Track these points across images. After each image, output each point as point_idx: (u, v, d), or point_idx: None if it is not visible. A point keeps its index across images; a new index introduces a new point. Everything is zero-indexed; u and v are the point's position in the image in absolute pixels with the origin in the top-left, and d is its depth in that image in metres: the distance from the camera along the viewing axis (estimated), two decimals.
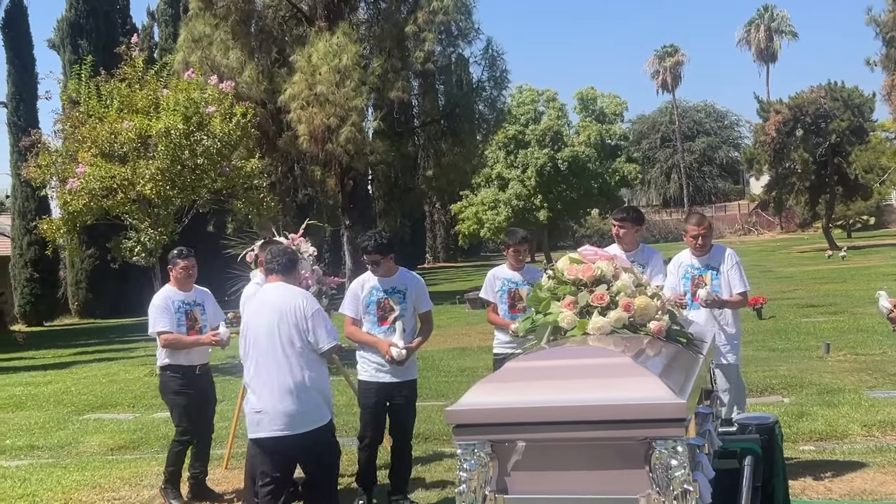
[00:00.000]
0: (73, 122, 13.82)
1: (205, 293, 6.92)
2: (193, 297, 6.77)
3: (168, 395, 6.73)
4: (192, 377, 6.65)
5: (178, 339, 6.57)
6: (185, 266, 6.70)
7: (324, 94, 23.49)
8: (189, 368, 6.63)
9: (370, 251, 6.06)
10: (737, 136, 74.69)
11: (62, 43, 33.26)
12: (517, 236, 6.75)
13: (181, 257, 6.72)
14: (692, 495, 2.87)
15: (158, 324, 6.56)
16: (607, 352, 3.33)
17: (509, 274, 6.70)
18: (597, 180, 43.02)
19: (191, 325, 6.67)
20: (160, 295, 6.70)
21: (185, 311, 6.66)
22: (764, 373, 10.00)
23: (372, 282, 6.14)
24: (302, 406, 4.94)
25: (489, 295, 6.78)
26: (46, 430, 10.25)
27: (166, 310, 6.58)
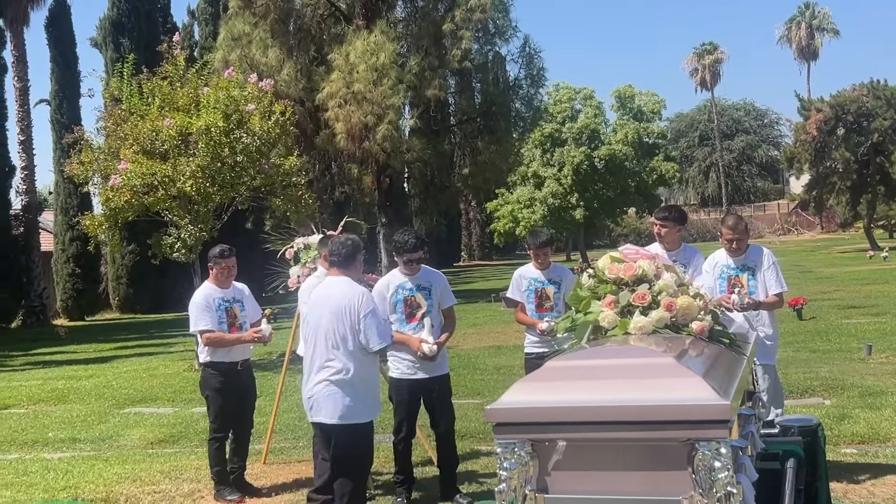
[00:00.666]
0: (115, 120, 13.99)
1: (243, 290, 6.98)
2: (232, 294, 6.83)
3: (208, 391, 6.79)
4: (233, 374, 6.70)
5: (221, 337, 6.63)
6: (227, 265, 6.75)
7: (361, 92, 23.58)
8: (231, 365, 6.68)
9: (413, 248, 6.11)
10: (777, 135, 73.79)
11: (104, 41, 33.68)
12: (539, 239, 6.70)
13: (223, 256, 6.77)
14: (735, 497, 2.84)
15: (200, 322, 6.62)
16: (649, 352, 3.31)
17: (535, 273, 6.68)
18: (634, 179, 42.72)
19: (231, 322, 6.72)
20: (200, 293, 6.76)
21: (226, 308, 6.72)
22: (804, 374, 9.88)
23: (397, 280, 6.20)
24: (343, 399, 5.09)
25: (516, 294, 6.77)
26: (88, 424, 10.39)
27: (207, 308, 6.63)
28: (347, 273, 5.25)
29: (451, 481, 6.38)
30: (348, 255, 5.25)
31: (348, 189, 27.90)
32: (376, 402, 5.27)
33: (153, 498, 6.86)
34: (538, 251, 6.64)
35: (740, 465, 3.05)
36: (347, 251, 5.25)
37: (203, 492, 6.93)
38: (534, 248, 6.67)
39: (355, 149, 24.30)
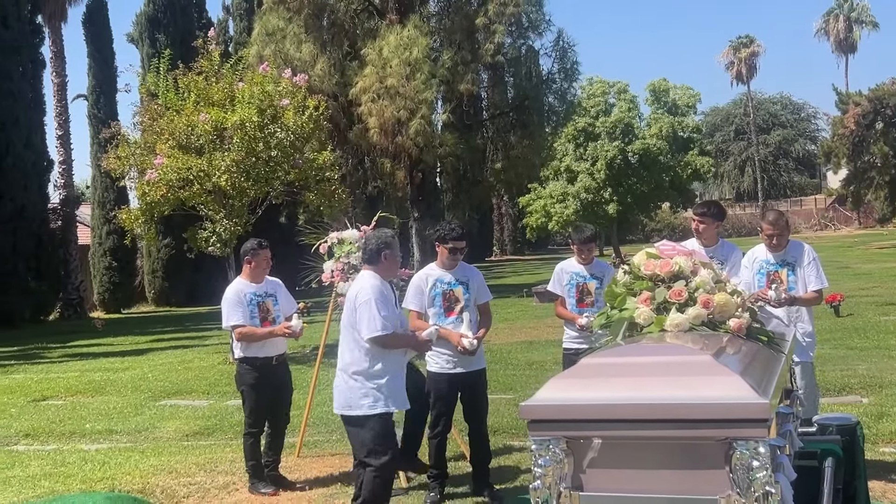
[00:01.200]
0: (151, 115, 14.12)
1: (276, 284, 6.98)
2: (265, 288, 6.83)
3: (243, 386, 6.82)
4: (268, 369, 6.71)
5: (252, 331, 6.64)
6: (265, 257, 6.78)
7: (394, 86, 23.60)
8: (265, 360, 6.68)
9: (458, 237, 6.16)
10: (814, 129, 72.93)
11: (140, 37, 34.04)
12: (583, 235, 6.66)
13: (261, 248, 6.78)
14: (774, 497, 2.81)
15: (232, 318, 6.66)
16: (686, 349, 3.28)
17: (577, 268, 6.65)
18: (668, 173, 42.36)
19: (263, 317, 6.72)
20: (232, 289, 6.79)
21: (258, 302, 6.73)
22: (842, 372, 9.75)
23: (435, 274, 6.22)
24: (344, 390, 5.19)
25: (557, 288, 6.74)
26: (124, 415, 10.52)
27: (239, 303, 6.66)
28: (375, 269, 5.27)
29: (483, 477, 6.40)
30: (373, 252, 5.28)
31: (381, 184, 27.95)
32: (390, 397, 5.15)
33: (188, 490, 6.92)
34: (582, 246, 6.59)
35: (778, 464, 3.01)
36: (372, 248, 5.29)
37: (237, 484, 6.99)
38: (578, 243, 6.62)
39: (388, 143, 24.34)
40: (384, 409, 5.13)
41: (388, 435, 5.19)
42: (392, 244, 5.34)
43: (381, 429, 5.14)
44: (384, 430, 5.15)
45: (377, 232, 5.65)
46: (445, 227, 6.26)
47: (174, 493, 6.87)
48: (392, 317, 5.17)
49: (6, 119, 26.28)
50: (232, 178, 13.25)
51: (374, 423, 5.12)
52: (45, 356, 17.94)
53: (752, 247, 6.33)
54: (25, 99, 27.43)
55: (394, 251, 5.33)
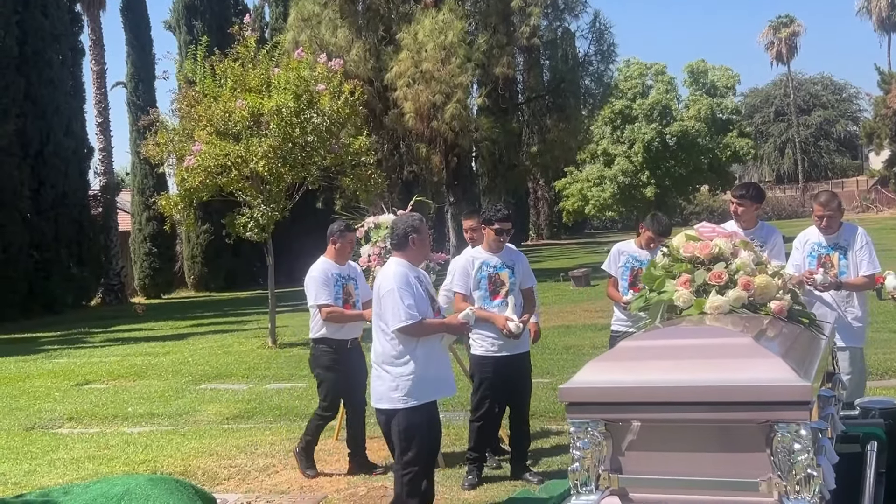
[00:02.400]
0: (188, 102, 14.22)
1: (356, 268, 6.99)
2: (348, 271, 6.82)
3: (318, 368, 6.79)
4: (343, 351, 6.69)
5: (341, 313, 6.61)
6: (350, 241, 6.80)
7: (429, 71, 23.57)
8: (342, 343, 6.66)
9: (504, 218, 6.15)
10: (855, 110, 71.53)
11: (177, 24, 34.30)
12: (661, 226, 6.40)
13: (348, 231, 6.81)
14: (816, 480, 2.78)
15: (321, 296, 6.60)
16: (726, 332, 3.25)
17: (636, 251, 6.57)
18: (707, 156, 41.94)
19: (345, 299, 6.70)
20: (318, 267, 6.73)
21: (342, 284, 6.71)
22: (885, 355, 9.62)
23: (482, 257, 6.23)
24: (374, 382, 5.11)
25: (612, 268, 6.67)
26: (165, 399, 10.66)
27: (327, 282, 6.62)
28: (404, 255, 5.14)
29: (522, 460, 6.41)
30: (400, 237, 5.15)
31: (416, 168, 27.97)
32: (421, 388, 5.00)
33: (229, 472, 7.01)
34: (658, 238, 6.32)
35: (820, 447, 2.98)
36: (400, 233, 5.16)
37: (277, 466, 7.06)
38: (655, 233, 6.37)
39: (424, 128, 24.34)
40: (415, 403, 4.96)
41: (415, 430, 4.99)
42: (420, 228, 5.18)
43: (408, 423, 4.97)
44: (411, 424, 4.97)
45: (405, 216, 5.55)
46: (491, 209, 6.29)
47: (215, 475, 6.96)
48: (422, 303, 4.99)
49: (47, 107, 26.65)
50: (269, 164, 13.32)
51: (400, 418, 4.97)
52: (87, 341, 18.23)
53: (799, 230, 6.22)
54: (65, 87, 27.77)
55: (422, 235, 5.18)
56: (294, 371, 11.92)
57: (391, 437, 5.07)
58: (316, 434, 6.78)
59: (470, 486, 6.15)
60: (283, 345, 14.65)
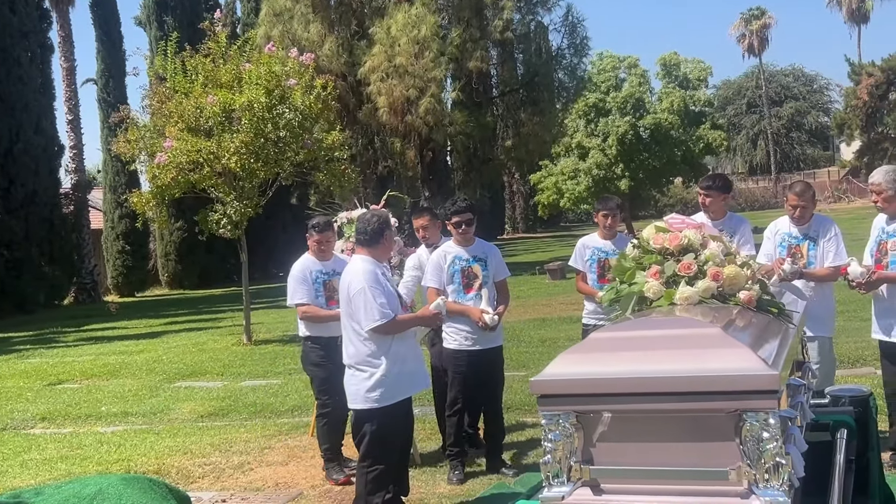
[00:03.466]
0: (159, 98, 14.10)
1: (345, 263, 6.62)
2: (333, 266, 6.61)
3: (308, 365, 6.71)
4: (332, 348, 6.35)
5: (315, 312, 6.49)
6: (317, 240, 6.60)
7: (403, 65, 23.50)
8: (330, 339, 6.39)
9: (464, 209, 6.15)
10: (826, 101, 72.13)
11: (148, 20, 33.96)
12: (612, 202, 6.70)
13: (316, 230, 6.62)
14: (784, 468, 2.80)
15: (296, 295, 6.53)
16: (696, 322, 3.26)
17: (600, 243, 6.64)
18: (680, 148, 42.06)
19: (329, 296, 6.50)
20: (298, 266, 6.63)
21: (324, 281, 6.57)
22: (856, 343, 9.70)
23: (454, 251, 6.23)
24: (349, 382, 5.07)
25: (579, 264, 6.72)
26: (139, 398, 10.59)
27: (304, 281, 6.52)
28: (373, 252, 5.07)
29: (497, 453, 6.43)
30: (374, 233, 5.04)
31: (391, 163, 27.91)
32: (397, 387, 4.97)
33: (203, 470, 6.97)
34: (607, 213, 6.56)
35: (789, 435, 3.00)
36: (373, 229, 5.04)
37: (252, 464, 7.04)
38: (602, 210, 6.60)
39: (398, 123, 24.28)
40: (391, 401, 4.94)
41: (389, 430, 4.97)
42: (391, 225, 5.19)
43: (384, 423, 4.94)
44: (387, 423, 4.95)
45: (373, 212, 5.50)
46: (448, 204, 6.33)
47: (189, 473, 6.93)
48: (392, 300, 4.95)
49: (15, 104, 26.30)
50: (241, 160, 13.25)
51: (375, 419, 4.94)
52: (59, 340, 18.05)
53: (772, 221, 6.28)
54: (34, 84, 27.43)
55: (392, 233, 5.19)
56: (269, 368, 11.88)
57: (361, 436, 5.01)
58: (329, 437, 6.50)
59: (458, 482, 6.15)
60: (257, 342, 14.59)
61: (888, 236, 5.51)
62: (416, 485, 6.03)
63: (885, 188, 5.47)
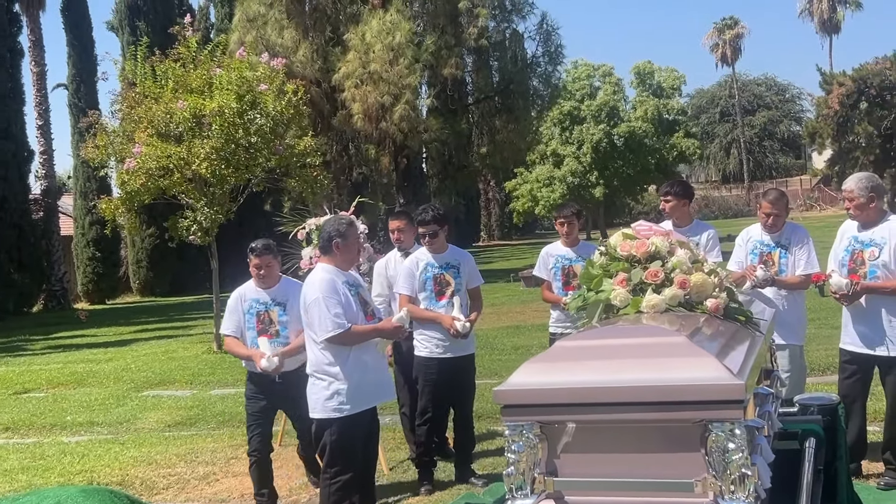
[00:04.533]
0: (129, 103, 13.96)
1: (292, 291, 5.73)
2: (275, 294, 5.87)
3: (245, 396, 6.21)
4: (265, 384, 5.86)
5: (233, 348, 5.98)
6: (255, 264, 5.85)
7: (377, 72, 23.42)
8: (262, 376, 5.77)
9: (428, 222, 6.08)
10: (798, 110, 72.80)
11: (120, 25, 33.69)
12: (567, 209, 6.66)
13: (253, 252, 5.86)
14: (751, 479, 2.74)
15: (223, 324, 6.04)
16: (662, 330, 3.21)
17: (563, 251, 6.61)
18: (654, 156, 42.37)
19: (263, 329, 5.81)
20: (234, 293, 5.97)
21: (257, 311, 5.84)
22: (826, 351, 9.72)
23: (426, 258, 6.17)
24: (309, 391, 4.97)
25: (543, 273, 6.70)
26: (106, 407, 10.43)
27: (234, 310, 5.90)
28: (332, 260, 4.98)
29: (467, 462, 6.36)
30: (325, 241, 4.98)
31: (366, 170, 27.80)
32: (356, 398, 4.85)
33: (168, 481, 6.85)
34: (564, 220, 6.51)
35: (756, 445, 2.95)
36: (325, 236, 4.98)
37: (218, 475, 6.92)
38: (559, 217, 6.58)
39: (372, 129, 24.17)
40: (351, 412, 4.83)
41: (349, 441, 4.88)
42: (346, 233, 4.98)
43: (343, 433, 4.84)
44: (346, 434, 4.85)
45: (333, 218, 5.41)
46: (419, 211, 6.28)
47: (153, 484, 6.81)
48: (350, 310, 4.84)
49: None
50: (212, 166, 13.12)
51: (335, 428, 4.84)
52: (27, 348, 17.80)
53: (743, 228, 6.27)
54: (4, 88, 27.13)
55: (347, 240, 4.98)
56: (238, 376, 11.69)
57: (322, 446, 4.93)
58: (262, 480, 5.93)
59: (427, 492, 6.07)
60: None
61: (863, 246, 5.48)
62: (383, 495, 5.95)
63: (858, 195, 5.44)
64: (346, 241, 4.99)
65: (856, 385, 5.61)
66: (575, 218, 6.59)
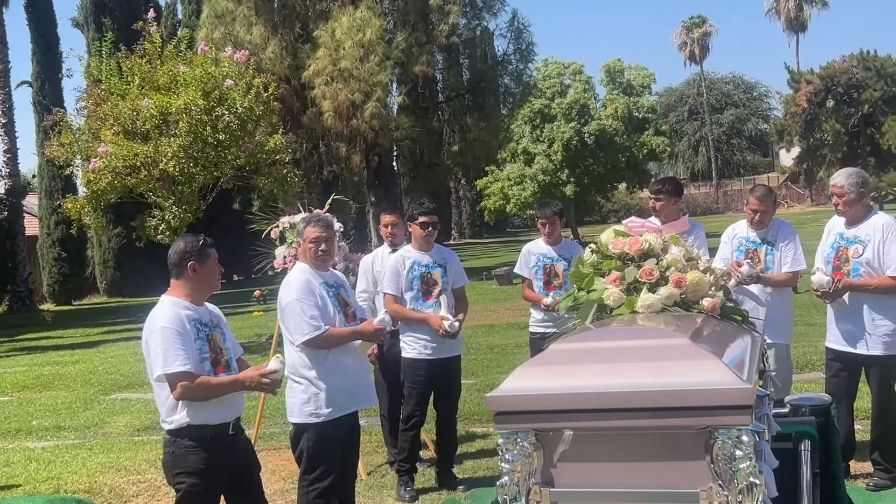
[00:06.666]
0: (94, 100, 13.64)
1: (215, 310, 4.40)
2: (209, 314, 4.29)
3: (180, 476, 5.34)
4: (222, 443, 4.13)
5: (208, 382, 4.17)
6: (209, 267, 4.35)
7: (348, 69, 23.17)
8: (220, 429, 4.11)
9: (431, 211, 6.01)
10: (766, 108, 73.47)
11: (86, 21, 33.18)
12: (547, 209, 6.53)
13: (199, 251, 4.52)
14: (759, 489, 2.61)
15: (175, 360, 4.12)
16: (661, 332, 3.07)
17: (545, 249, 6.48)
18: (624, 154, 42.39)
19: (216, 359, 4.11)
20: (170, 313, 4.31)
21: (207, 336, 4.13)
22: (804, 348, 9.68)
23: (412, 256, 6.03)
24: (287, 394, 4.81)
25: (524, 271, 6.58)
26: (73, 411, 10.18)
27: (183, 334, 4.28)
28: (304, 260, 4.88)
29: (449, 465, 6.21)
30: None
31: (336, 168, 27.54)
32: (333, 402, 4.67)
33: (137, 488, 6.64)
34: (546, 221, 6.41)
35: (759, 451, 2.82)
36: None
37: None
38: (542, 217, 6.46)
39: (343, 127, 23.93)
40: (329, 416, 4.67)
41: (327, 445, 4.71)
42: (309, 230, 4.79)
43: (321, 438, 4.68)
44: (324, 439, 4.69)
45: (307, 217, 5.27)
46: (415, 205, 6.17)
47: (123, 492, 6.59)
48: (326, 312, 4.67)
49: None
50: (179, 164, 12.85)
51: (313, 433, 4.68)
52: None
53: (713, 226, 6.18)
54: None
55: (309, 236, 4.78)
56: None
57: (300, 452, 4.76)
58: None
59: (411, 499, 5.91)
60: None
61: (848, 243, 5.40)
62: (362, 501, 5.79)
63: (847, 191, 5.35)
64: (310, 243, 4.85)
65: (842, 384, 5.53)
66: (557, 217, 6.47)
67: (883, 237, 5.26)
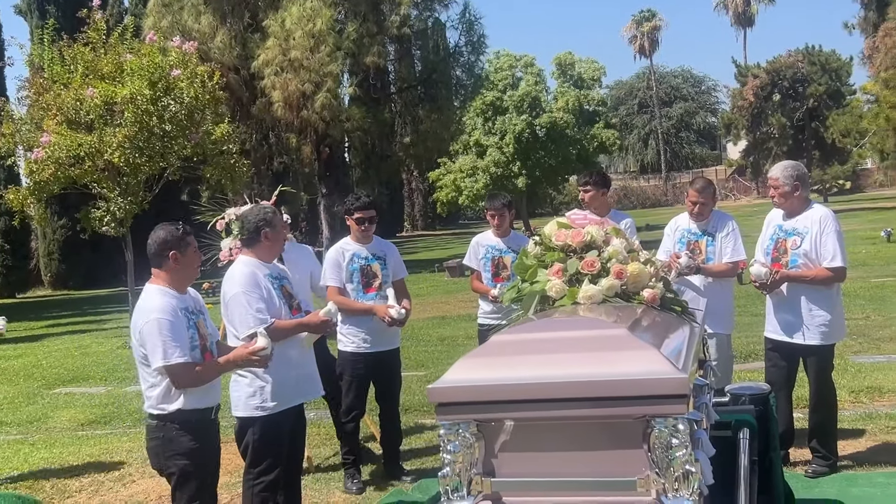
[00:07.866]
0: (37, 89, 13.37)
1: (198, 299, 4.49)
2: (193, 302, 4.30)
3: (176, 460, 5.26)
4: (206, 426, 4.36)
5: (198, 374, 4.88)
6: (192, 257, 4.29)
7: (298, 59, 22.97)
8: (205, 413, 4.29)
9: (367, 206, 5.96)
10: (714, 102, 74.49)
11: (29, 9, 32.49)
12: (497, 201, 6.53)
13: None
14: (695, 476, 2.66)
15: (175, 351, 4.78)
16: (601, 323, 3.10)
17: (493, 241, 6.49)
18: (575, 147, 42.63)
19: (204, 345, 4.20)
20: (161, 301, 4.27)
21: (196, 322, 4.21)
22: (747, 339, 9.84)
23: (352, 249, 6.00)
24: (231, 388, 4.76)
25: (473, 262, 6.59)
26: (15, 406, 9.99)
27: (173, 326, 4.38)
28: (256, 252, 4.72)
29: (395, 458, 6.22)
30: (252, 233, 4.69)
31: (287, 159, 27.33)
32: (279, 396, 4.64)
33: (81, 484, 6.54)
34: (495, 212, 6.41)
35: (696, 439, 2.87)
36: (250, 228, 4.70)
37: (134, 476, 6.64)
38: (491, 209, 6.45)
39: (293, 118, 23.71)
40: (274, 410, 4.64)
41: (273, 439, 4.67)
42: (273, 221, 4.74)
43: (266, 432, 4.64)
44: (269, 433, 4.64)
45: (255, 208, 5.06)
46: (351, 198, 6.12)
47: (65, 488, 6.49)
48: (272, 304, 4.61)
49: None
50: (125, 155, 12.65)
51: (258, 427, 4.65)
52: None
53: (662, 218, 6.27)
54: None
55: (275, 229, 4.74)
56: None
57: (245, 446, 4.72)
58: None
59: (358, 491, 5.90)
60: None
61: (786, 234, 5.51)
62: (310, 494, 5.77)
63: (783, 183, 5.47)
64: (275, 229, 4.76)
65: (781, 373, 5.64)
66: (506, 209, 6.49)
67: (820, 229, 5.37)
